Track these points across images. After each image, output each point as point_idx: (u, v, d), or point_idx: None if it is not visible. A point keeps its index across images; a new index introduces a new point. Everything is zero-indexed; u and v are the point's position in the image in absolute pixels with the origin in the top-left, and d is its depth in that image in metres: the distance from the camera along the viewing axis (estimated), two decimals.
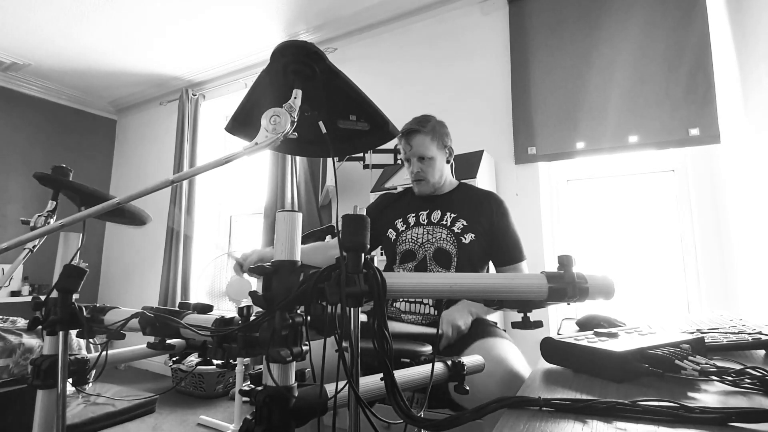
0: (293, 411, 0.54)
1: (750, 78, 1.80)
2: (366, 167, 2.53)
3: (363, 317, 0.68)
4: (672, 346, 0.69)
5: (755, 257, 1.70)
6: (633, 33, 2.12)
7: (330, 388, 0.58)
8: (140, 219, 1.00)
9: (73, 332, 0.84)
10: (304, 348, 0.56)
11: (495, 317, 1.92)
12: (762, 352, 0.83)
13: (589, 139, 2.16)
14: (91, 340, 1.80)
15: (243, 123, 0.74)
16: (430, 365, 0.73)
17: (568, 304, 0.62)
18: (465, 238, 1.38)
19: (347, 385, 0.55)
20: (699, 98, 1.93)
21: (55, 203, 0.90)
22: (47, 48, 3.45)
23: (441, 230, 1.41)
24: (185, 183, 3.74)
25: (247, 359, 2.54)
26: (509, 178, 2.35)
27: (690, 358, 0.66)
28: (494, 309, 1.31)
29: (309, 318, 0.57)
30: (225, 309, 3.09)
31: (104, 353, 0.84)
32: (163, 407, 2.80)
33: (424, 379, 0.75)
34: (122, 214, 0.97)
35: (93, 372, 0.86)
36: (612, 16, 2.19)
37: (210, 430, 2.50)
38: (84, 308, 0.82)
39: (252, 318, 0.58)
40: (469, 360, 0.87)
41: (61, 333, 0.81)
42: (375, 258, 1.54)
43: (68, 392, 0.85)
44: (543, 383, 0.67)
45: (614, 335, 0.78)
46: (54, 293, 0.81)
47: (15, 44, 3.39)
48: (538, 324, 0.64)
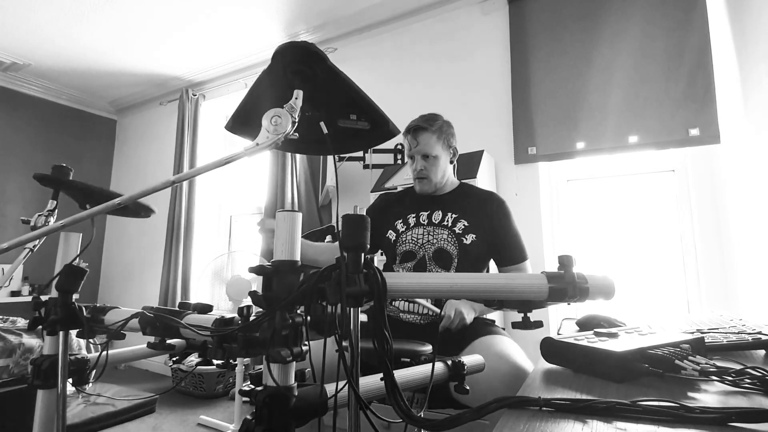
0: (293, 411, 0.54)
1: (750, 78, 1.80)
2: (366, 167, 2.53)
3: (363, 317, 0.68)
4: (672, 346, 0.69)
5: (755, 257, 1.70)
6: (633, 33, 2.12)
7: (330, 388, 0.58)
8: (144, 212, 1.00)
9: (73, 332, 0.84)
10: (304, 348, 0.56)
11: (495, 317, 1.92)
12: (762, 352, 0.83)
13: (589, 139, 2.16)
14: (91, 340, 1.80)
15: (243, 122, 0.74)
16: (430, 365, 0.73)
17: (569, 304, 0.62)
18: (466, 239, 1.38)
19: (347, 385, 0.55)
20: (699, 98, 1.93)
21: (56, 203, 0.90)
22: (47, 48, 3.45)
23: (442, 231, 1.41)
24: (185, 183, 3.74)
25: (247, 359, 2.54)
26: (509, 178, 2.35)
27: (690, 358, 0.66)
28: (494, 309, 1.32)
29: (309, 318, 0.57)
30: (225, 309, 3.09)
31: (104, 353, 0.84)
32: (163, 407, 2.80)
33: (424, 379, 0.75)
34: (126, 208, 0.97)
35: (93, 372, 0.86)
36: (612, 16, 2.19)
37: (210, 430, 2.50)
38: (84, 308, 0.82)
39: (252, 318, 0.58)
40: (469, 360, 0.87)
41: (61, 333, 0.81)
42: (375, 258, 1.55)
43: (68, 392, 0.85)
44: (543, 383, 0.67)
45: (614, 335, 0.78)
46: (54, 293, 0.81)
47: (15, 44, 3.40)
48: (538, 324, 0.64)
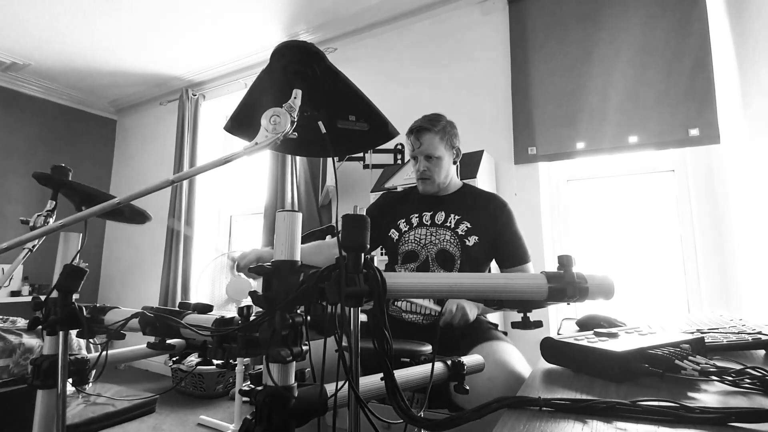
0: (293, 411, 0.54)
1: (750, 78, 1.80)
2: (366, 167, 2.53)
3: (363, 317, 0.68)
4: (672, 346, 0.69)
5: (755, 257, 1.70)
6: (633, 33, 2.12)
7: (330, 388, 0.58)
8: (141, 217, 1.00)
9: (73, 332, 0.84)
10: (304, 348, 0.56)
11: (495, 318, 1.92)
12: (762, 352, 0.83)
13: (589, 140, 2.16)
14: (91, 340, 1.80)
15: (242, 123, 0.74)
16: (430, 365, 0.73)
17: (568, 304, 0.62)
18: (469, 241, 1.38)
19: (347, 385, 0.55)
20: (699, 98, 1.93)
21: (55, 203, 0.90)
22: (47, 48, 3.45)
23: (445, 232, 1.40)
24: (185, 183, 3.74)
25: (247, 359, 2.54)
26: (509, 178, 2.35)
27: (690, 358, 0.65)
28: (494, 309, 1.32)
29: (309, 318, 0.57)
30: (225, 309, 3.09)
31: (104, 353, 0.84)
32: (163, 407, 2.80)
33: (424, 379, 0.75)
34: (122, 213, 0.98)
35: (93, 372, 0.86)
36: (612, 17, 2.19)
37: (210, 430, 2.50)
38: (84, 308, 0.82)
39: (252, 318, 0.58)
40: (469, 360, 0.87)
41: (61, 333, 0.81)
42: (375, 258, 1.54)
43: (68, 392, 0.85)
44: (543, 383, 0.67)
45: (614, 335, 0.78)
46: (54, 293, 0.81)
47: (15, 44, 3.40)
48: (538, 324, 0.64)
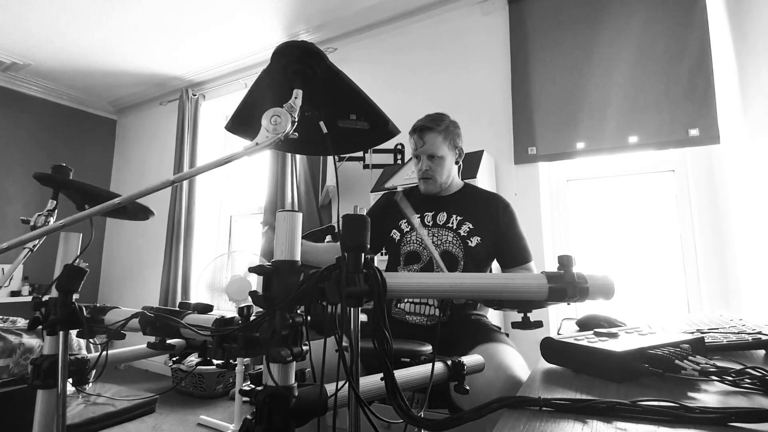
0: (293, 411, 0.54)
1: (750, 78, 1.80)
2: (366, 167, 2.53)
3: (363, 317, 0.68)
4: (672, 346, 0.69)
5: (755, 257, 1.70)
6: (633, 33, 2.12)
7: (330, 388, 0.58)
8: (143, 213, 1.00)
9: (73, 332, 0.84)
10: (304, 348, 0.56)
11: (497, 319, 1.92)
12: (762, 352, 0.83)
13: (589, 140, 2.16)
14: (91, 340, 1.80)
15: (243, 122, 0.74)
16: (430, 365, 0.73)
17: (568, 304, 0.62)
18: (471, 241, 1.37)
19: (347, 385, 0.55)
20: (699, 98, 1.93)
21: (55, 203, 0.90)
22: (47, 48, 3.45)
23: (447, 233, 1.40)
24: (185, 183, 3.74)
25: (247, 359, 2.54)
26: (509, 178, 2.35)
27: (690, 358, 0.65)
28: (494, 309, 1.31)
29: (309, 318, 0.57)
30: (225, 309, 3.09)
31: (104, 353, 0.84)
32: (163, 407, 2.80)
33: (424, 379, 0.75)
34: (125, 210, 0.97)
35: (93, 372, 0.86)
36: (612, 17, 2.18)
37: (210, 430, 2.50)
38: (84, 308, 0.82)
39: (252, 318, 0.58)
40: (469, 360, 0.87)
41: (61, 333, 0.81)
42: (375, 258, 1.54)
43: (68, 392, 0.85)
44: (543, 383, 0.67)
45: (614, 335, 0.78)
46: (54, 293, 0.81)
47: (15, 44, 3.39)
48: (538, 324, 0.64)
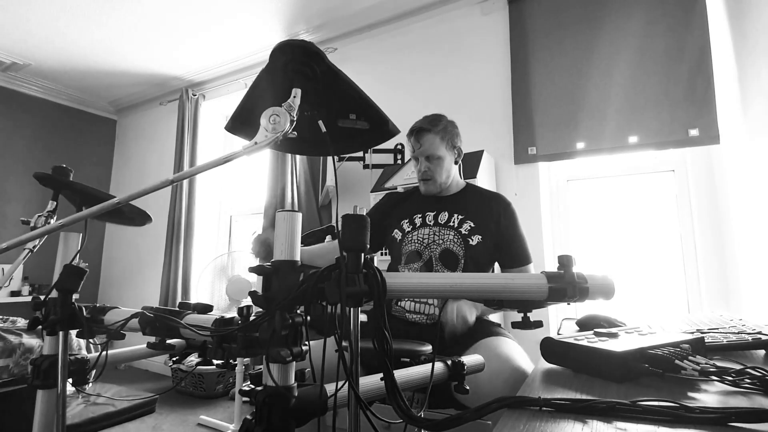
0: (293, 411, 0.54)
1: (749, 78, 1.80)
2: (366, 167, 2.53)
3: (363, 317, 0.68)
4: (672, 346, 0.69)
5: (755, 257, 1.70)
6: (633, 33, 2.12)
7: (330, 388, 0.58)
8: (140, 219, 1.00)
9: (73, 332, 0.84)
10: (304, 348, 0.56)
11: (496, 317, 1.92)
12: (762, 352, 0.83)
13: (589, 139, 2.16)
14: (91, 340, 1.80)
15: (243, 122, 0.74)
16: (430, 365, 0.73)
17: (568, 304, 0.62)
18: (472, 240, 1.38)
19: (347, 385, 0.55)
20: (699, 99, 1.93)
21: (56, 203, 0.90)
22: (47, 48, 3.45)
23: (448, 232, 1.40)
24: (185, 183, 3.74)
25: (247, 359, 2.54)
26: (509, 178, 2.35)
27: (690, 358, 0.65)
28: (494, 309, 1.31)
29: (309, 318, 0.57)
30: (225, 309, 3.09)
31: (104, 353, 0.84)
32: (163, 407, 2.80)
33: (424, 379, 0.75)
34: (122, 214, 0.97)
35: (93, 372, 0.86)
36: (612, 17, 2.18)
37: (210, 430, 2.50)
38: (84, 308, 0.82)
39: (252, 318, 0.58)
40: (469, 359, 0.87)
41: (61, 333, 0.81)
42: (375, 258, 1.54)
43: (68, 392, 0.85)
44: (543, 383, 0.67)
45: (614, 335, 0.78)
46: (54, 293, 0.81)
47: (15, 44, 3.39)
48: (538, 324, 0.64)
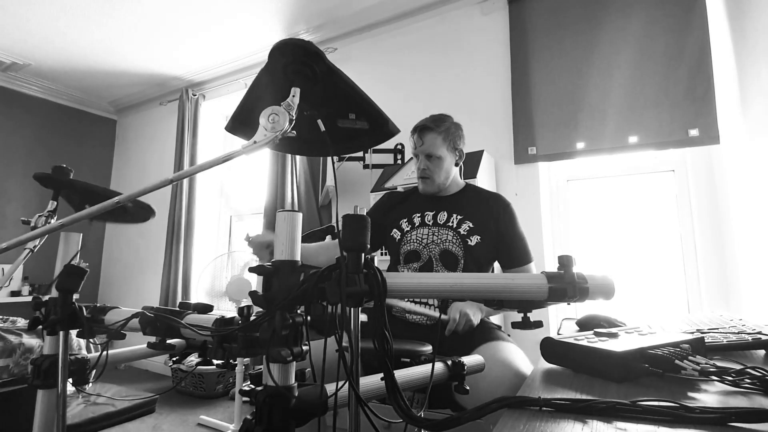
0: (293, 411, 0.54)
1: (749, 78, 1.80)
2: (366, 167, 2.53)
3: (363, 317, 0.68)
4: (672, 346, 0.69)
5: (755, 257, 1.70)
6: (633, 33, 2.12)
7: (330, 388, 0.58)
8: (145, 212, 0.99)
9: (74, 332, 0.84)
10: (304, 348, 0.56)
11: (497, 319, 1.92)
12: (762, 352, 0.83)
13: (589, 139, 2.16)
14: (91, 340, 1.80)
15: (243, 122, 0.74)
16: (430, 365, 0.73)
17: (568, 304, 0.62)
18: (471, 240, 1.38)
19: (347, 385, 0.55)
20: (698, 99, 1.93)
21: (56, 204, 0.90)
22: (47, 48, 3.45)
23: (447, 232, 1.40)
24: (185, 183, 3.74)
25: (247, 359, 2.54)
26: (509, 178, 2.35)
27: (690, 358, 0.65)
28: (494, 309, 1.31)
29: (309, 318, 0.57)
30: (225, 309, 3.09)
31: (104, 353, 0.84)
32: (163, 407, 2.80)
33: (424, 379, 0.75)
34: (125, 212, 0.97)
35: (93, 372, 0.86)
36: (612, 17, 2.18)
37: (210, 430, 2.50)
38: (84, 308, 0.82)
39: (252, 318, 0.58)
40: (469, 360, 0.87)
41: (62, 333, 0.81)
42: (375, 258, 1.54)
43: (68, 392, 0.85)
44: (543, 383, 0.67)
45: (614, 335, 0.78)
46: (54, 293, 0.81)
47: (15, 44, 3.39)
48: (538, 324, 0.64)
